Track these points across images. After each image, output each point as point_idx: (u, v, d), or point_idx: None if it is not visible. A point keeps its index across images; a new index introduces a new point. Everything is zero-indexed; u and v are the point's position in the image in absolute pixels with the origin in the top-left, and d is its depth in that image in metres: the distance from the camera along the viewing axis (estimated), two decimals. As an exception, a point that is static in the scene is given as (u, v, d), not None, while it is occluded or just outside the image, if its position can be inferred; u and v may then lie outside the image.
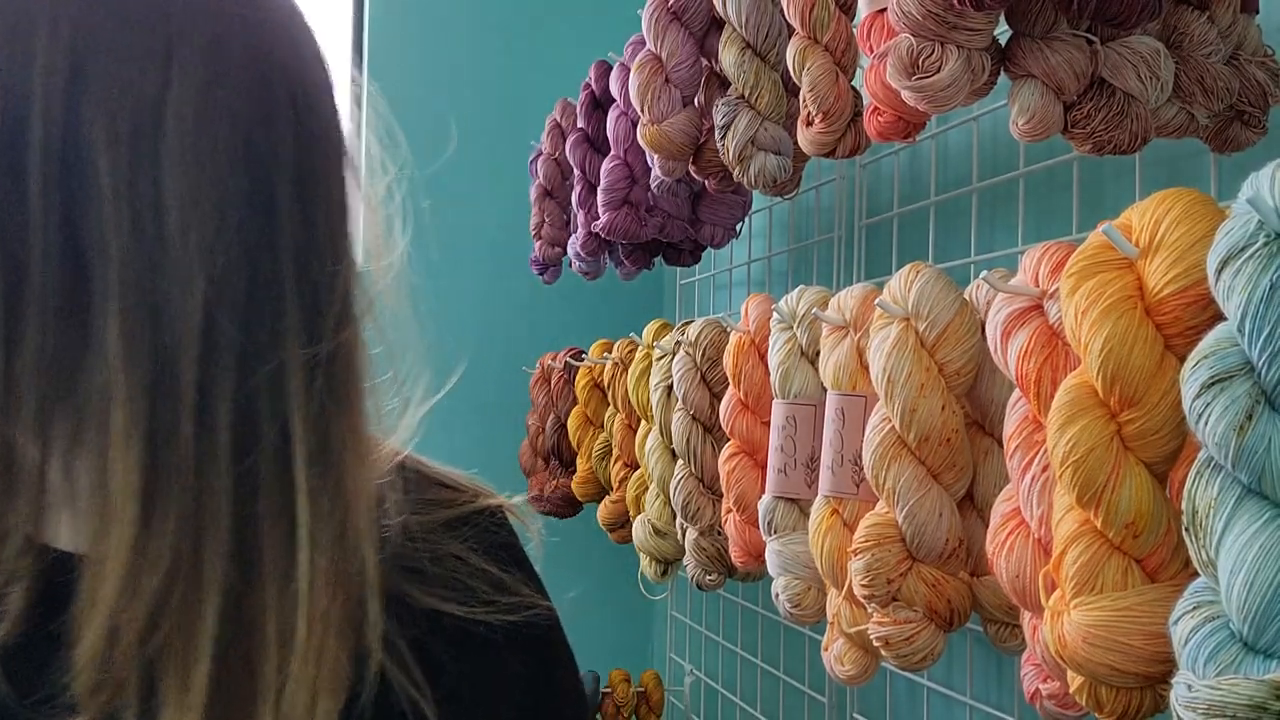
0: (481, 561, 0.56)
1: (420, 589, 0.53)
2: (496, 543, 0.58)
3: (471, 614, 0.54)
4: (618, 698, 1.88)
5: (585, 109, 1.63)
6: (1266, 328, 0.49)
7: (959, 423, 0.84)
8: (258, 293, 0.46)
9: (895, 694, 1.36)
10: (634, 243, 1.55)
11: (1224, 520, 0.50)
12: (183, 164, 0.44)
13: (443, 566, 0.54)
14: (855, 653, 0.95)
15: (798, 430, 1.05)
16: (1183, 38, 0.83)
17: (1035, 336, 0.72)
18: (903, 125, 0.92)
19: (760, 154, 1.16)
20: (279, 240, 0.47)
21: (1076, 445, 0.64)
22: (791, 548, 1.04)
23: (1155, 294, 0.62)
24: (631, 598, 1.87)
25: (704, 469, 1.26)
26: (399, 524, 0.54)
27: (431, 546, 0.55)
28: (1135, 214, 0.65)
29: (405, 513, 0.54)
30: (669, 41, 1.25)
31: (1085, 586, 0.64)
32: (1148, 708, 0.65)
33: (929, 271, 0.86)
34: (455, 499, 0.58)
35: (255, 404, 0.46)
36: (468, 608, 0.54)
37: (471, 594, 0.54)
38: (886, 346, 0.85)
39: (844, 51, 1.05)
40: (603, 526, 1.62)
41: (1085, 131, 0.82)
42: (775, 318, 1.08)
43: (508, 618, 0.55)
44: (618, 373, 1.56)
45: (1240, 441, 0.49)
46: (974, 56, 0.82)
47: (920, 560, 0.86)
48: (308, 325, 0.48)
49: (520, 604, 0.56)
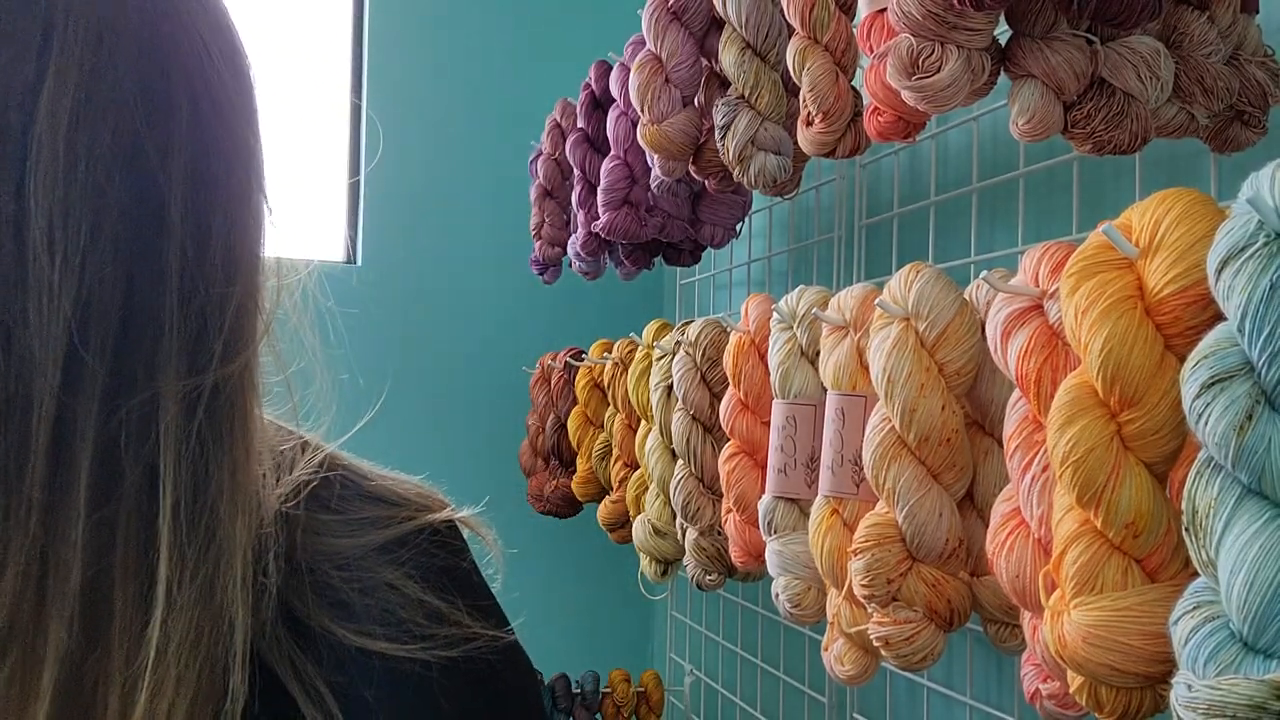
0: (418, 591, 0.49)
1: (346, 626, 0.47)
2: (436, 566, 0.50)
3: (403, 650, 0.47)
4: (618, 698, 1.88)
5: (585, 109, 1.63)
6: (1266, 328, 0.49)
7: (959, 423, 0.84)
8: (133, 317, 0.41)
9: (895, 694, 1.36)
10: (634, 243, 1.55)
11: (1224, 520, 0.50)
12: (53, 167, 0.39)
13: (373, 598, 0.48)
14: (855, 653, 0.95)
15: (798, 430, 1.05)
16: (1183, 38, 0.83)
17: (1035, 336, 0.72)
18: (903, 125, 0.92)
19: (760, 154, 1.16)
20: (163, 257, 0.41)
21: (1076, 445, 0.64)
22: (791, 548, 1.04)
23: (1155, 294, 0.62)
24: (631, 598, 1.87)
25: (704, 469, 1.26)
26: (321, 550, 0.49)
27: (361, 575, 0.49)
28: (1135, 214, 0.65)
29: (332, 534, 0.49)
30: (669, 41, 1.25)
31: (1085, 586, 0.64)
32: (1148, 708, 0.65)
33: (929, 271, 0.86)
34: (393, 517, 0.51)
35: (120, 443, 0.41)
36: (399, 644, 0.47)
37: (404, 629, 0.48)
38: (886, 346, 0.85)
39: (844, 51, 1.06)
40: (603, 526, 1.62)
41: (1085, 131, 0.82)
42: (775, 318, 1.08)
43: (445, 653, 0.48)
44: (618, 373, 1.56)
45: (1240, 441, 0.49)
46: (974, 56, 0.82)
47: (920, 560, 0.86)
48: (189, 354, 0.42)
49: (459, 636, 0.49)
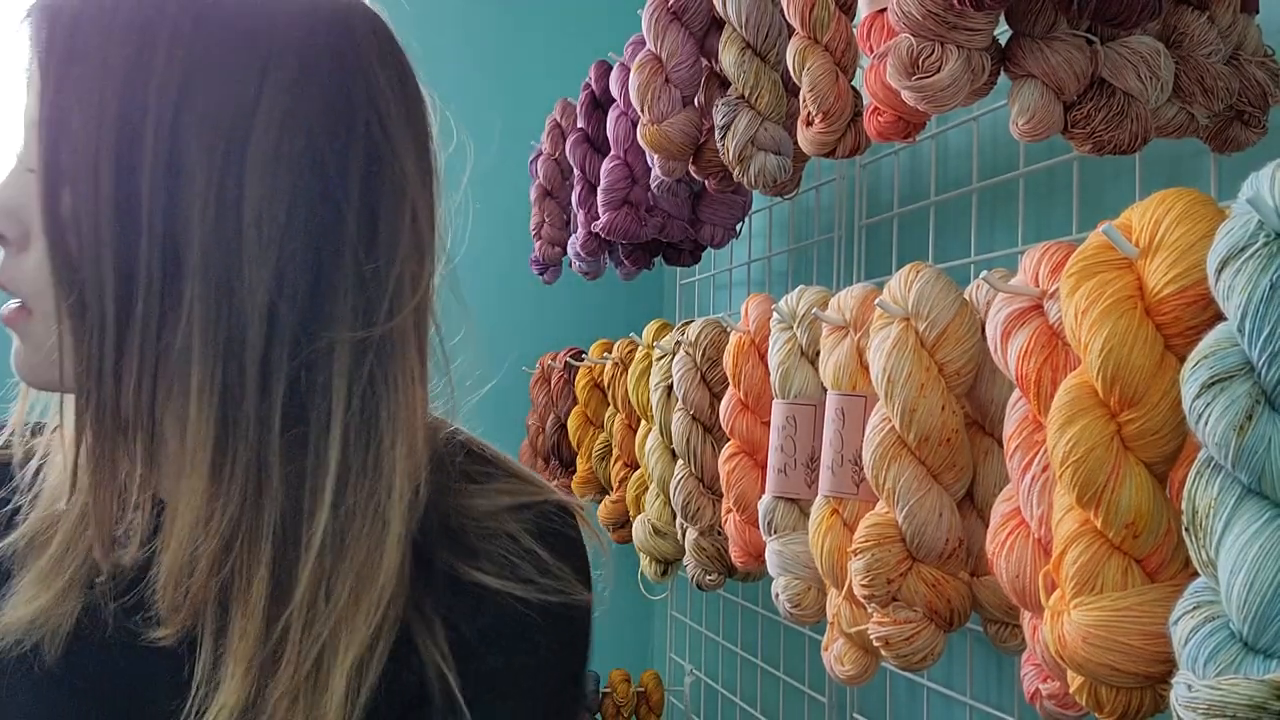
0: (532, 543, 0.59)
1: (467, 563, 0.58)
2: (552, 530, 0.61)
3: (510, 588, 0.57)
4: (618, 698, 1.88)
5: (585, 109, 1.63)
6: (1266, 328, 0.49)
7: (959, 423, 0.84)
8: (317, 281, 0.54)
9: (895, 694, 1.36)
10: (634, 243, 1.55)
11: (1224, 520, 0.50)
12: (263, 169, 0.52)
13: (494, 544, 0.59)
14: (855, 653, 0.95)
15: (798, 430, 1.05)
16: (1183, 38, 0.83)
17: (1035, 336, 0.72)
18: (903, 125, 0.91)
19: (760, 154, 1.16)
20: (340, 237, 0.54)
21: (1076, 445, 0.64)
22: (791, 548, 1.04)
23: (1155, 294, 0.62)
24: (631, 598, 1.87)
25: (704, 469, 1.26)
26: (457, 505, 0.59)
27: (488, 525, 0.59)
28: (1135, 214, 0.65)
29: (470, 496, 0.60)
30: (669, 41, 1.25)
31: (1085, 586, 0.64)
32: (1148, 708, 0.65)
33: (929, 271, 0.86)
34: (524, 490, 0.62)
35: (307, 378, 0.54)
36: (507, 582, 0.57)
37: (516, 571, 0.58)
38: (886, 346, 0.85)
39: (844, 51, 1.05)
40: (603, 526, 1.62)
41: (1085, 131, 0.82)
42: (775, 318, 1.08)
43: (545, 598, 0.58)
44: (618, 373, 1.56)
45: (1240, 441, 0.49)
46: (974, 56, 0.82)
47: (920, 560, 0.86)
48: (361, 313, 0.55)
49: (560, 589, 0.59)
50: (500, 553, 0.58)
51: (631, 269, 1.68)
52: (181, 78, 0.52)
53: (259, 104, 0.52)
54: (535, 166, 1.87)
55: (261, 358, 0.53)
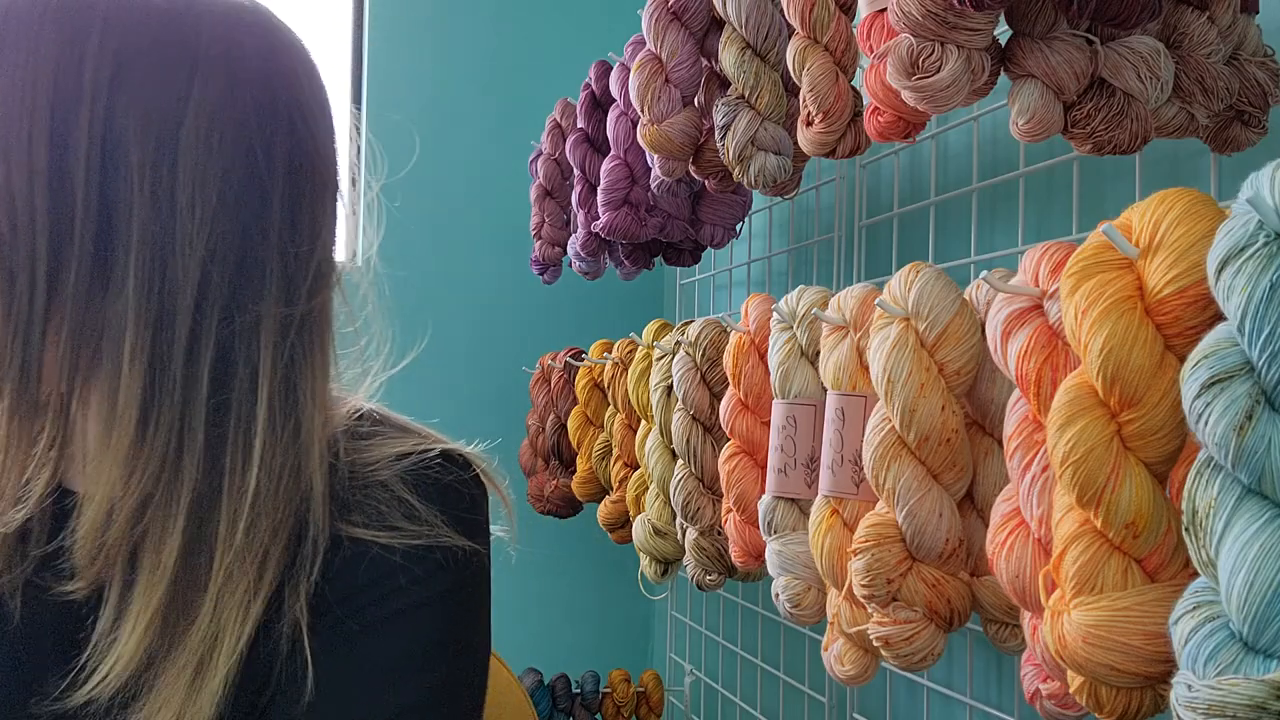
0: (403, 491, 0.61)
1: (339, 519, 0.60)
2: (429, 478, 0.62)
3: (372, 537, 0.59)
4: (618, 698, 1.88)
5: (585, 109, 1.63)
6: (1266, 328, 0.49)
7: (959, 423, 0.84)
8: (245, 259, 0.57)
9: (895, 694, 1.36)
10: (634, 243, 1.55)
11: (1224, 520, 0.50)
12: (194, 153, 0.56)
13: (365, 494, 0.61)
14: (855, 653, 0.95)
15: (798, 430, 1.05)
16: (1183, 38, 0.83)
17: (1035, 336, 0.72)
18: (903, 125, 0.91)
19: (760, 154, 1.16)
20: (266, 219, 0.58)
21: (1076, 445, 0.64)
22: (791, 548, 1.04)
23: (1155, 294, 0.62)
24: (631, 598, 1.87)
25: (704, 469, 1.26)
26: (347, 463, 0.62)
27: (366, 477, 0.61)
28: (1135, 214, 0.65)
29: (368, 451, 0.62)
30: (669, 41, 1.25)
31: (1085, 586, 0.64)
32: (1148, 708, 0.65)
33: (929, 271, 0.86)
34: (415, 442, 0.64)
35: (234, 347, 0.57)
36: (370, 530, 0.59)
37: (380, 520, 0.60)
38: (886, 346, 0.85)
39: (844, 51, 1.05)
40: (603, 526, 1.62)
41: (1085, 131, 0.82)
42: (775, 318, 1.08)
43: (409, 543, 0.60)
44: (618, 373, 1.56)
45: (1240, 441, 0.49)
46: (974, 56, 0.82)
47: (920, 560, 0.86)
48: (284, 290, 0.59)
49: (428, 533, 0.60)
50: (370, 503, 0.60)
51: (631, 269, 1.68)
52: (114, 66, 0.55)
53: (190, 95, 0.56)
54: (535, 166, 1.87)
55: (191, 326, 0.56)
